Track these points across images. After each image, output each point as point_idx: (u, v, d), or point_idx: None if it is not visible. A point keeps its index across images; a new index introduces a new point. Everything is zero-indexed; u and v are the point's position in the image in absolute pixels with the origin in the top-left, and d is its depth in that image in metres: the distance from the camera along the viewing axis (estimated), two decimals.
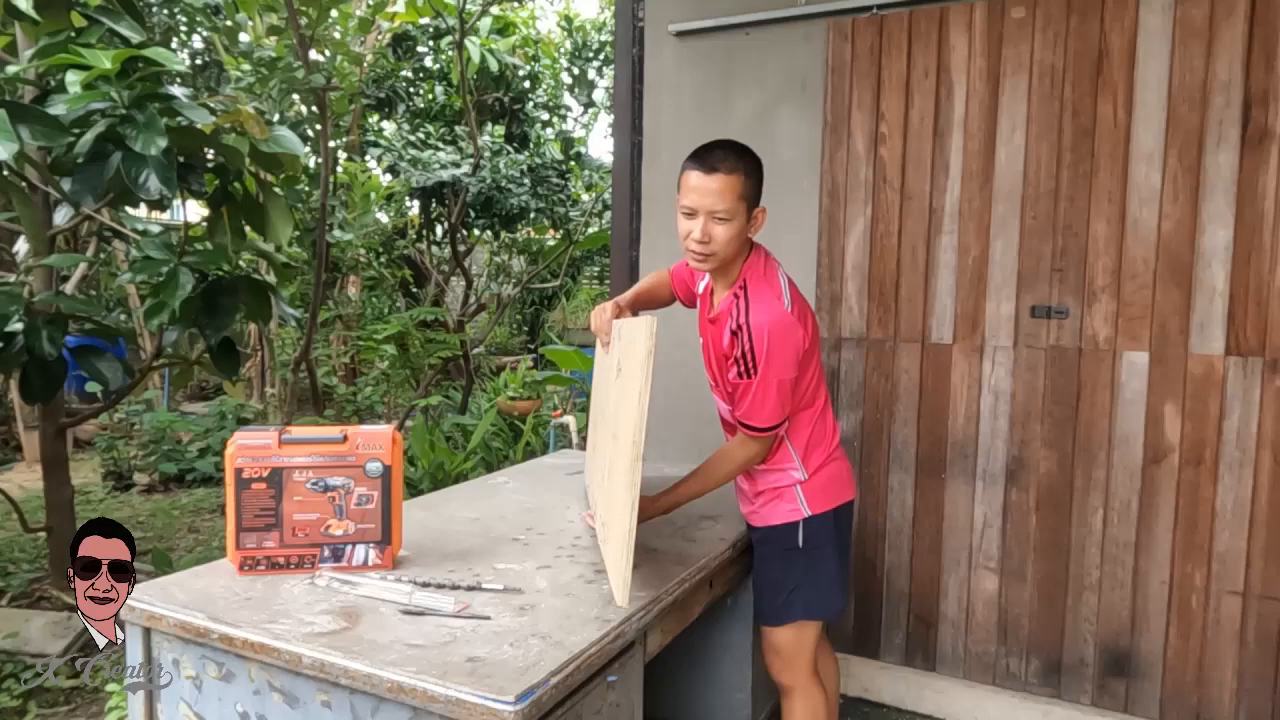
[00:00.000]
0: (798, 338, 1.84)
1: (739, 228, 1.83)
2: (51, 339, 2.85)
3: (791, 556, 2.00)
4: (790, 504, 2.00)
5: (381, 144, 7.75)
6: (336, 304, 7.28)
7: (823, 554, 2.01)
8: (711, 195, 1.79)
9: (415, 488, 4.53)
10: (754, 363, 1.80)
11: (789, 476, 2.00)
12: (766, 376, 1.80)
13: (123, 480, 5.65)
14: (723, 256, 1.85)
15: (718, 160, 1.81)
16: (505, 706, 1.23)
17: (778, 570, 2.02)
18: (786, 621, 2.02)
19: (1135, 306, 2.52)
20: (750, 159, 1.87)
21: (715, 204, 1.79)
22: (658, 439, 3.25)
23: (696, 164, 1.82)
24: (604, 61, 9.09)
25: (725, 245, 1.83)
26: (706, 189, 1.79)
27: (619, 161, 3.40)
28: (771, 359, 1.80)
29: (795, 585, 2.00)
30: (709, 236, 1.81)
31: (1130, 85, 2.49)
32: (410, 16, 7.09)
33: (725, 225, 1.81)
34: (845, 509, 2.08)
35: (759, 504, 2.05)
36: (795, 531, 1.99)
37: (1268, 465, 2.39)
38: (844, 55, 2.88)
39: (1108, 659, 2.61)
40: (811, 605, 2.01)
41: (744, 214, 1.83)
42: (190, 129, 2.85)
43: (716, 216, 1.80)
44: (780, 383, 1.82)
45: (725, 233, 1.81)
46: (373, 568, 1.74)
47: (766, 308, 1.82)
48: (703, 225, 1.81)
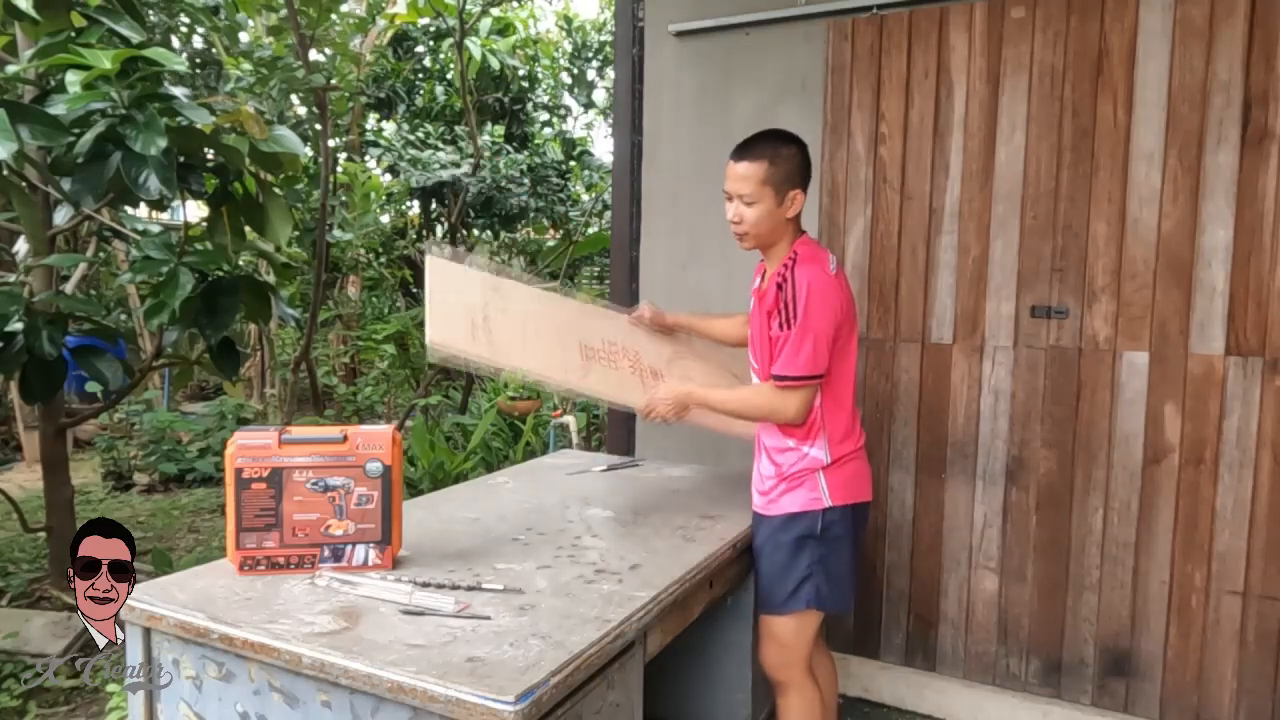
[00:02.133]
0: (838, 298, 1.98)
1: (767, 210, 1.99)
2: (51, 339, 2.85)
3: (806, 544, 2.01)
4: (812, 492, 2.02)
5: (381, 144, 7.76)
6: (336, 304, 7.28)
7: (839, 546, 2.03)
8: (736, 180, 2.00)
9: (415, 488, 4.54)
10: (794, 310, 1.93)
11: (813, 459, 2.02)
12: (805, 325, 1.92)
13: (123, 480, 5.65)
14: (756, 235, 2.03)
15: (746, 148, 2.01)
16: (505, 706, 1.23)
17: (791, 557, 2.02)
18: (792, 610, 2.03)
19: (1135, 306, 2.52)
20: (784, 147, 2.00)
21: (739, 188, 1.99)
22: (656, 440, 3.25)
23: (734, 153, 2.03)
24: (604, 62, 9.09)
25: (755, 224, 2.00)
26: (733, 175, 2.01)
27: (619, 161, 3.40)
28: (810, 309, 1.92)
29: (808, 574, 2.01)
30: (740, 217, 2.01)
31: (1130, 85, 2.49)
32: (410, 17, 7.09)
33: (751, 208, 1.99)
34: (863, 509, 2.11)
35: (779, 491, 2.06)
36: (815, 520, 2.01)
37: (1268, 465, 2.39)
38: (844, 55, 2.88)
39: (1108, 659, 2.61)
40: (822, 596, 2.02)
41: (771, 198, 1.98)
42: (190, 129, 2.85)
43: (744, 200, 1.99)
44: (817, 335, 1.92)
45: (753, 214, 1.99)
46: (373, 568, 1.74)
47: (811, 267, 1.97)
48: (734, 207, 2.02)
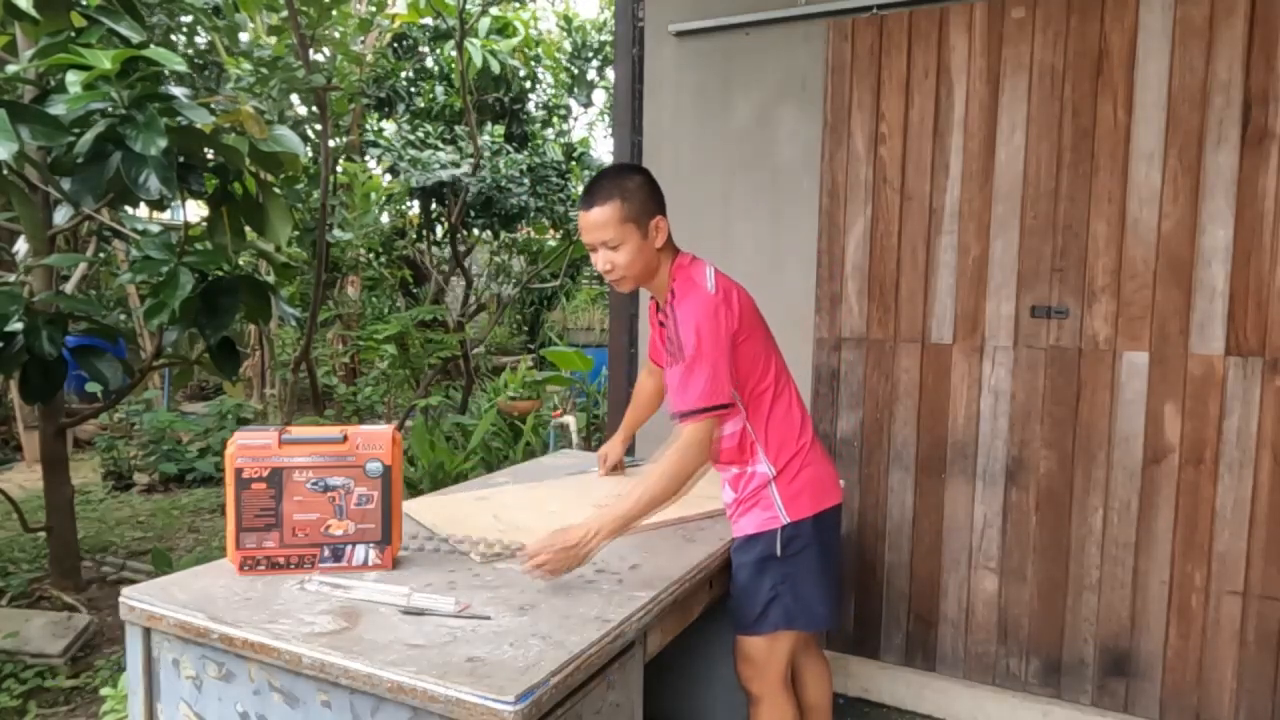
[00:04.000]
0: (720, 314, 1.87)
1: (635, 247, 1.90)
2: (51, 339, 2.86)
3: (768, 566, 1.94)
4: (767, 511, 1.94)
5: (381, 144, 7.76)
6: (336, 304, 7.28)
7: (804, 562, 1.95)
8: (594, 230, 1.89)
9: (415, 488, 4.53)
10: (680, 343, 1.84)
11: (759, 475, 1.95)
12: (697, 353, 1.82)
13: (123, 480, 5.65)
14: (634, 276, 1.93)
15: (593, 195, 1.90)
16: (505, 706, 1.23)
17: (754, 579, 1.95)
18: (762, 632, 1.97)
19: (1135, 306, 2.52)
20: (628, 179, 1.91)
21: (600, 236, 1.89)
22: (656, 441, 3.24)
23: (581, 203, 1.92)
24: (604, 62, 9.09)
25: (629, 266, 1.91)
26: (589, 224, 1.89)
27: (619, 162, 3.40)
28: (700, 336, 1.82)
29: (773, 595, 1.94)
30: (610, 264, 1.91)
31: (1130, 85, 2.49)
32: (410, 17, 7.09)
33: (619, 250, 1.89)
34: (829, 514, 2.01)
35: (738, 513, 2.00)
36: (773, 539, 1.93)
37: (1268, 465, 2.39)
38: (844, 55, 2.88)
39: (1108, 659, 2.61)
40: (792, 615, 1.96)
41: (634, 234, 1.89)
42: (190, 129, 2.85)
43: (608, 245, 1.89)
44: (712, 362, 1.82)
45: (624, 257, 1.89)
46: (372, 567, 1.74)
47: (688, 293, 1.89)
48: (601, 256, 1.91)
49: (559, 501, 2.25)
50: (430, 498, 2.29)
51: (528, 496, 2.31)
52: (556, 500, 2.26)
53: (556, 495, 2.32)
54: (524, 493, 2.35)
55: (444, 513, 2.11)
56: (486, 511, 2.14)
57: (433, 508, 2.15)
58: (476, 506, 2.18)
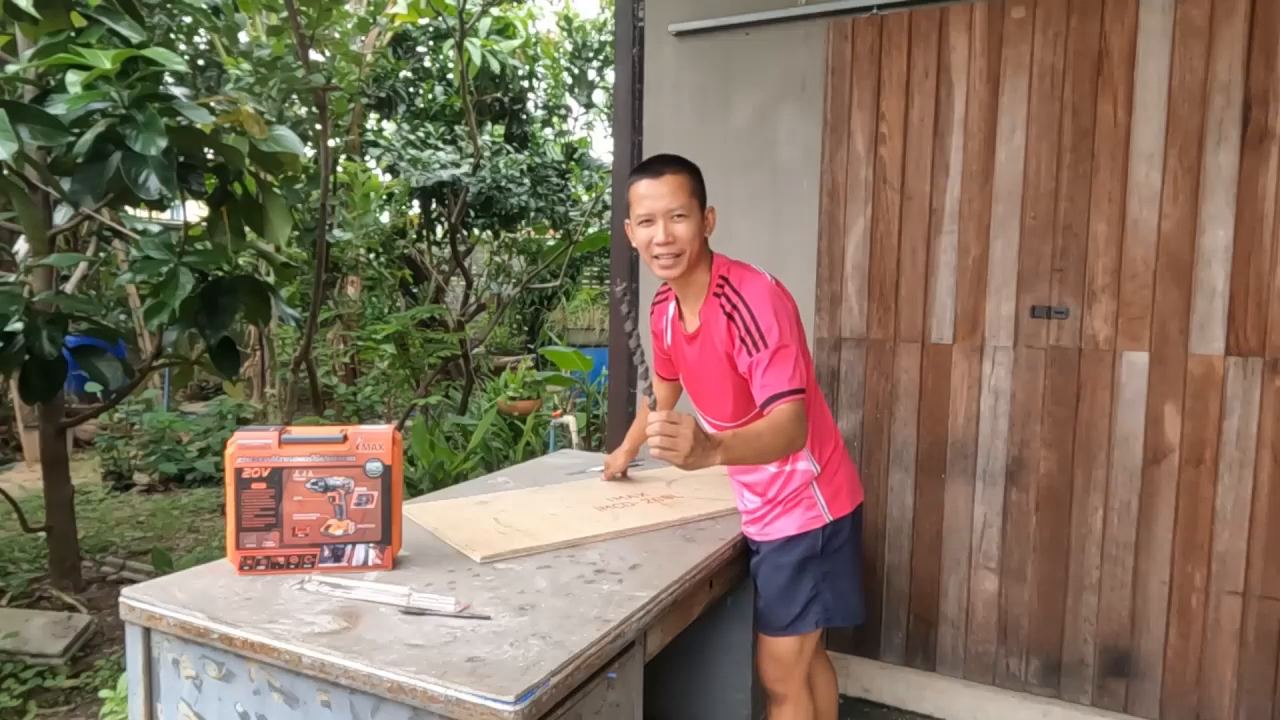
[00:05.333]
0: (791, 304, 1.87)
1: (697, 225, 1.86)
2: (51, 339, 2.86)
3: (809, 565, 1.93)
4: (810, 510, 1.93)
5: (381, 144, 7.76)
6: (336, 304, 7.28)
7: (842, 558, 1.96)
8: (665, 196, 1.82)
9: (415, 488, 4.53)
10: (761, 332, 1.79)
11: (804, 474, 1.94)
12: (782, 339, 1.78)
13: (123, 480, 5.65)
14: (691, 255, 1.86)
15: (663, 163, 1.86)
16: (505, 706, 1.23)
17: (794, 580, 1.94)
18: (801, 632, 1.96)
19: (1135, 306, 2.52)
20: (691, 163, 1.91)
21: (670, 203, 1.82)
22: None
23: (643, 173, 1.87)
24: (604, 62, 9.09)
25: (690, 242, 1.84)
26: (659, 192, 1.83)
27: (619, 161, 3.40)
28: (779, 320, 1.79)
29: (814, 594, 1.93)
30: (672, 236, 1.83)
31: (1130, 85, 2.49)
32: (410, 17, 7.09)
33: (685, 222, 1.83)
34: (859, 512, 2.04)
35: (772, 516, 1.97)
36: (816, 539, 1.93)
37: (1268, 465, 2.39)
38: (844, 55, 2.88)
39: (1107, 659, 2.61)
40: (831, 612, 1.95)
41: (697, 212, 1.86)
42: (190, 129, 2.85)
43: (675, 215, 1.82)
44: (798, 343, 1.81)
45: (687, 230, 1.83)
46: (372, 567, 1.74)
47: (753, 282, 1.85)
48: (664, 227, 1.83)
49: (560, 505, 2.25)
50: (431, 502, 2.29)
51: (529, 500, 2.31)
52: (558, 504, 2.26)
53: (558, 499, 2.31)
54: (525, 497, 2.35)
55: (445, 517, 2.11)
56: (488, 515, 2.14)
57: (434, 512, 2.15)
58: (478, 510, 2.18)
